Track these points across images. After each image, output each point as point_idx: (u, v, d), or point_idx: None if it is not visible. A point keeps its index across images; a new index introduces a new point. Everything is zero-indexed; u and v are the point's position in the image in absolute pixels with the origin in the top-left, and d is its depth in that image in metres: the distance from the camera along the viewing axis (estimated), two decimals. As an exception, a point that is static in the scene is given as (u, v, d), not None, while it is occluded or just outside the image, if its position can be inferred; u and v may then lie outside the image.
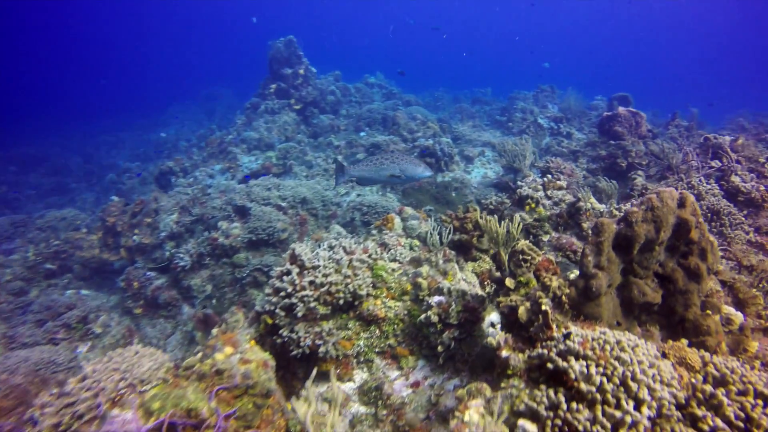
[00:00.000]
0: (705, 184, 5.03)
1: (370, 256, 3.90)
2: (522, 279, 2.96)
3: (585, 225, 4.16)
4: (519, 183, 4.78)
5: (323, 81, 12.57)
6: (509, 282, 2.98)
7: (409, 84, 17.69)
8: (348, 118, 11.86)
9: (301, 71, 10.93)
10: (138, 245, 7.32)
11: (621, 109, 7.08)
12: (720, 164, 5.24)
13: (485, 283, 4.01)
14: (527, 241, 3.13)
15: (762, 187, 5.08)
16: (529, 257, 2.98)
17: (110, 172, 13.93)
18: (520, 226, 3.21)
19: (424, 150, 8.34)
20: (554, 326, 2.49)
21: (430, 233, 3.83)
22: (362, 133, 10.54)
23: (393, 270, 3.82)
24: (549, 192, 4.48)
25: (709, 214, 4.80)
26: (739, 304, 3.09)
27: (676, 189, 5.38)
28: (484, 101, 15.21)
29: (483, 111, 14.20)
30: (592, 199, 4.18)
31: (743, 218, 4.83)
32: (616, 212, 4.25)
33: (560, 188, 4.47)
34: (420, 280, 3.64)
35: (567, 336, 2.26)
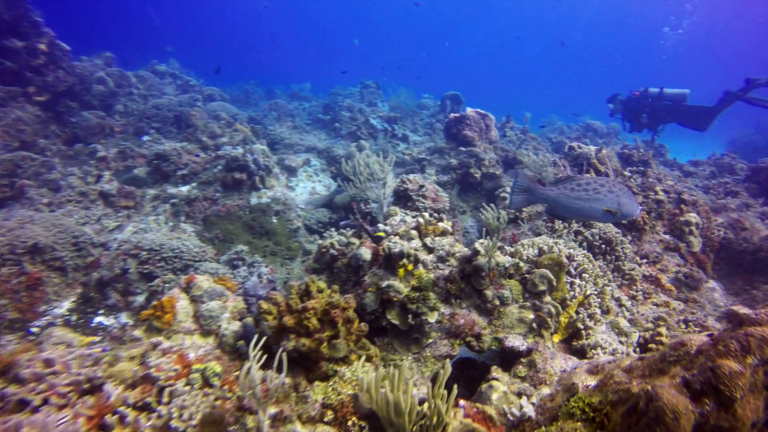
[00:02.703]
0: (588, 207, 4.12)
1: (107, 434, 1.80)
2: None
3: (488, 292, 2.71)
4: (382, 227, 3.13)
5: (87, 64, 9.23)
6: None
7: (213, 76, 14.83)
8: (127, 116, 8.87)
9: (43, 46, 7.57)
10: None
11: (470, 110, 6.10)
12: (597, 181, 4.44)
13: (349, 421, 2.25)
14: (463, 417, 1.46)
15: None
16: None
17: None
18: (452, 398, 1.53)
19: (232, 162, 6.19)
20: None
21: (248, 374, 1.90)
22: (145, 137, 7.79)
23: (162, 462, 1.78)
24: (428, 240, 2.93)
25: (602, 245, 3.87)
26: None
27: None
28: (302, 97, 13.43)
29: (302, 108, 12.42)
30: (497, 253, 2.76)
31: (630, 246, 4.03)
32: (523, 267, 2.90)
33: (444, 233, 2.96)
34: (224, 482, 1.70)
35: None
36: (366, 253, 3.31)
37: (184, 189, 6.44)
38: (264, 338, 2.15)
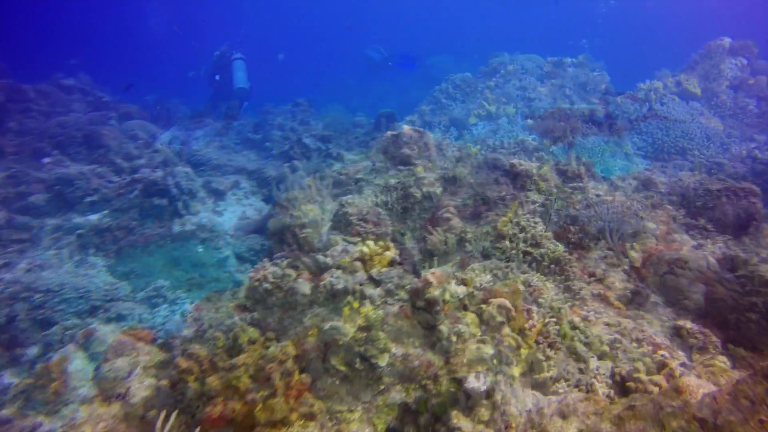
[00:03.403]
0: (535, 225, 4.02)
1: None
2: None
3: (443, 328, 2.43)
4: (322, 259, 2.78)
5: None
6: None
7: (132, 94, 13.65)
8: (22, 136, 7.85)
9: None
10: None
11: (407, 128, 5.92)
12: (542, 198, 4.38)
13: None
14: None
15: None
16: None
17: None
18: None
19: (151, 186, 5.57)
20: None
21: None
22: (45, 159, 6.90)
23: None
24: (374, 272, 2.61)
25: (551, 265, 3.75)
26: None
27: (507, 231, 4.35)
28: (230, 115, 12.78)
29: (231, 127, 11.78)
30: (451, 285, 2.49)
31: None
32: (478, 296, 2.66)
33: (392, 263, 2.67)
34: None
35: None
36: (304, 285, 2.94)
37: (94, 218, 5.69)
38: (176, 411, 1.72)
